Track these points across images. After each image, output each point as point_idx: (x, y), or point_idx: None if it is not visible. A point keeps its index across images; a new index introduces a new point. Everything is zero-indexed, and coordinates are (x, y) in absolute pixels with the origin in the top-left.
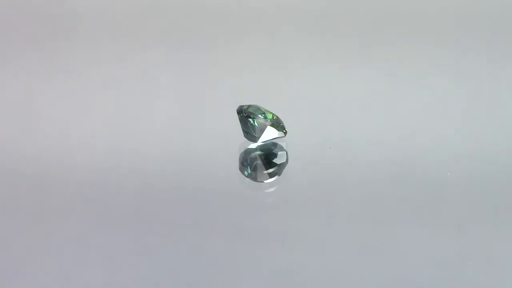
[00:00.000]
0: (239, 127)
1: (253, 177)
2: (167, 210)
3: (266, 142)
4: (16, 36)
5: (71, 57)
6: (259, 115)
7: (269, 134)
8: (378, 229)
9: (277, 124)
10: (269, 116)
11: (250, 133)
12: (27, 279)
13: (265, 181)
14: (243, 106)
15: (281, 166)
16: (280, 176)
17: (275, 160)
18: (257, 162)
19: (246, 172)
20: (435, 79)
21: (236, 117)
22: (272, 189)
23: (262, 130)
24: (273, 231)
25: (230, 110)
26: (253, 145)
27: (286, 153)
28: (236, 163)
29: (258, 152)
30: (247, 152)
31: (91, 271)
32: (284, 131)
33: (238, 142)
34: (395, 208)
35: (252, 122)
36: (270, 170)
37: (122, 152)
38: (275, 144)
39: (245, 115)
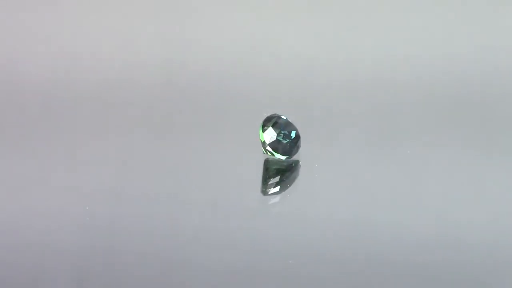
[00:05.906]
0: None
1: (262, 184)
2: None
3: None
4: None
5: None
6: (267, 132)
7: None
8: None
9: (281, 149)
10: (279, 137)
11: None
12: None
13: (269, 192)
14: (273, 116)
15: (281, 192)
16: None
17: (280, 181)
18: (264, 173)
19: (262, 178)
20: None
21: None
22: (273, 201)
23: (264, 146)
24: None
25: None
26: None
27: (294, 177)
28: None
29: (272, 166)
30: (266, 160)
31: None
32: (282, 155)
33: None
34: None
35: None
36: (273, 185)
37: None
38: (291, 164)
39: (262, 125)
